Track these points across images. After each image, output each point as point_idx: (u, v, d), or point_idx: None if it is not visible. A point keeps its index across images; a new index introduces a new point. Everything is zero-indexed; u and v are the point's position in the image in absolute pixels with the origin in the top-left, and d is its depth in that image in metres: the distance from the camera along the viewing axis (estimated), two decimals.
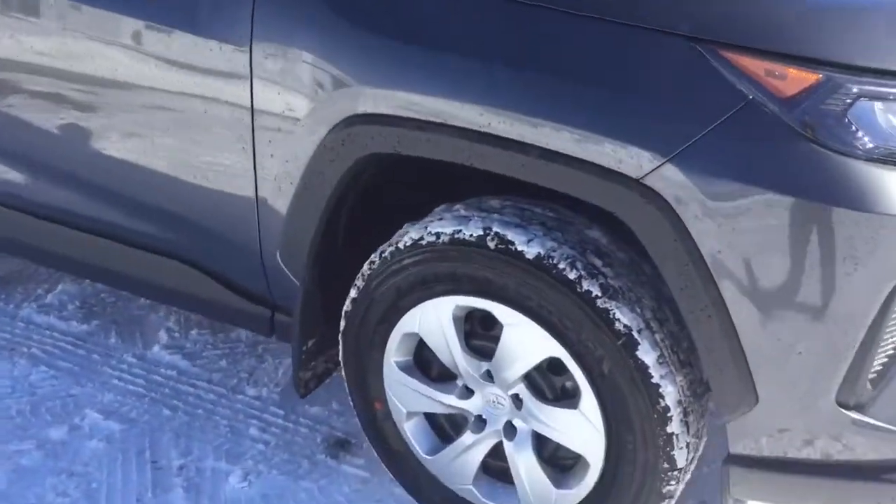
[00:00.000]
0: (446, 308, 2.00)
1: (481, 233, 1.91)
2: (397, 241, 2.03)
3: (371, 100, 1.88)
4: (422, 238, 1.98)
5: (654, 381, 1.82)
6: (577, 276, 1.83)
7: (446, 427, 2.20)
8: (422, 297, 2.02)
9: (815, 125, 1.58)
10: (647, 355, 1.81)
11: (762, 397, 1.73)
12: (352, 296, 2.13)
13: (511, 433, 2.07)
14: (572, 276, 1.84)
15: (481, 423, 2.11)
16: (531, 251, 1.86)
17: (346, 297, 2.17)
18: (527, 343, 1.93)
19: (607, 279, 1.85)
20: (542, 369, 1.97)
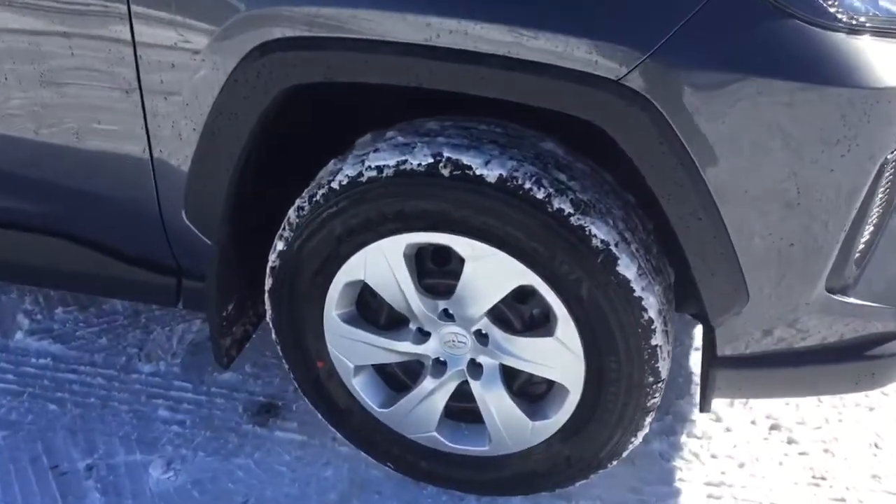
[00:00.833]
0: (396, 249, 1.80)
1: (431, 160, 1.71)
2: (328, 180, 1.80)
3: (291, 20, 1.61)
4: (360, 174, 1.76)
5: (636, 294, 1.71)
6: (545, 194, 1.68)
7: (400, 376, 2.02)
8: (366, 240, 1.80)
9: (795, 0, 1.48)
10: (627, 269, 1.70)
11: (753, 295, 1.67)
12: (278, 249, 1.89)
13: (476, 372, 1.93)
14: (541, 195, 1.68)
15: (441, 366, 1.94)
16: (492, 174, 1.68)
17: (269, 252, 1.92)
18: (493, 275, 1.77)
19: (576, 194, 1.71)
20: (508, 300, 1.82)
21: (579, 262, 1.69)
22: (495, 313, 1.84)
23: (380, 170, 1.74)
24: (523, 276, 1.75)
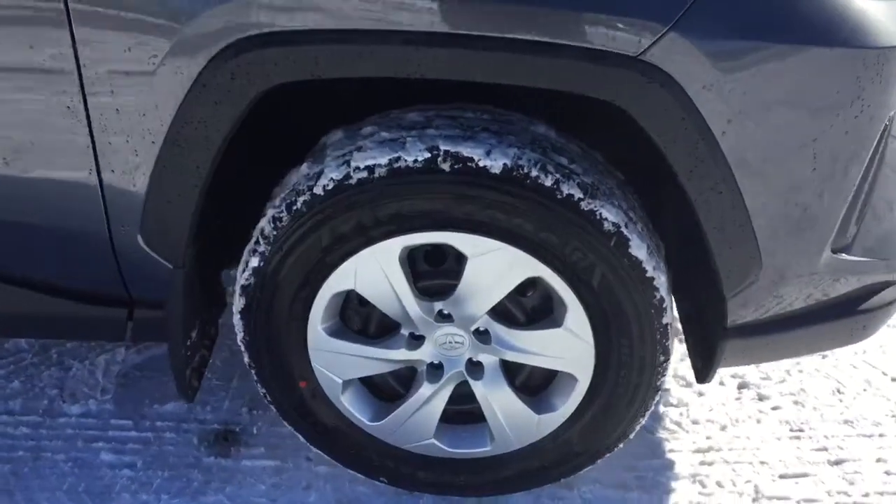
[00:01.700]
0: (390, 253, 1.67)
1: (428, 155, 1.58)
2: (308, 186, 1.64)
3: (270, 12, 1.44)
4: (348, 177, 1.61)
5: (648, 275, 1.66)
6: (553, 181, 1.59)
7: (394, 386, 1.89)
8: (356, 246, 1.66)
9: None
10: (639, 250, 1.64)
11: (766, 263, 1.65)
12: (252, 265, 1.71)
13: (475, 371, 1.83)
14: (548, 182, 1.59)
15: (436, 369, 1.83)
16: (495, 164, 1.58)
17: (239, 268, 1.74)
18: (498, 270, 1.67)
19: (581, 177, 1.63)
20: (510, 294, 1.73)
21: (592, 247, 1.62)
22: (496, 309, 1.74)
23: (370, 170, 1.60)
24: (531, 269, 1.66)
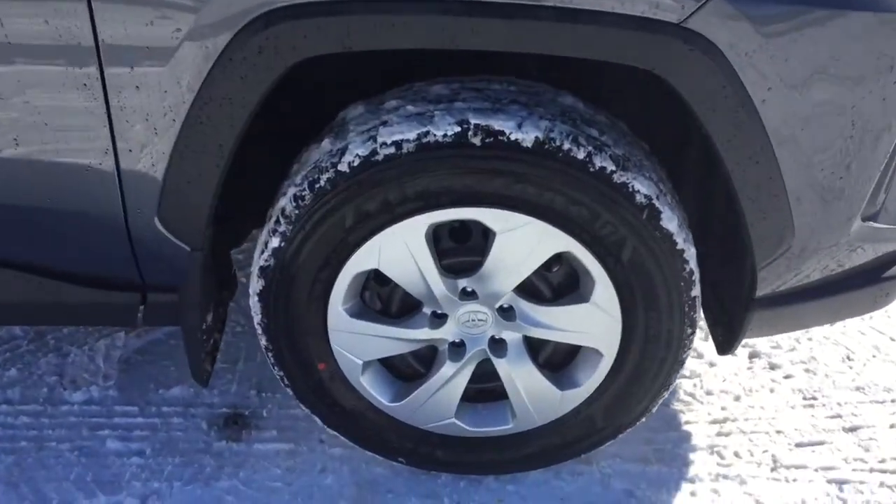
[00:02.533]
0: (416, 230, 1.63)
1: (458, 129, 1.54)
2: (332, 163, 1.58)
3: None
4: (374, 153, 1.56)
5: (678, 247, 1.64)
6: (585, 153, 1.56)
7: (414, 366, 1.85)
8: (381, 224, 1.62)
9: None
10: (670, 223, 1.62)
11: (798, 234, 1.63)
12: (272, 246, 1.66)
13: (498, 349, 1.80)
14: (581, 154, 1.55)
15: (459, 348, 1.80)
16: (527, 137, 1.54)
17: (257, 250, 1.69)
18: (527, 246, 1.64)
19: (612, 149, 1.60)
20: (538, 269, 1.69)
21: (624, 220, 1.59)
22: (522, 285, 1.71)
23: (398, 145, 1.55)
24: (560, 243, 1.63)
